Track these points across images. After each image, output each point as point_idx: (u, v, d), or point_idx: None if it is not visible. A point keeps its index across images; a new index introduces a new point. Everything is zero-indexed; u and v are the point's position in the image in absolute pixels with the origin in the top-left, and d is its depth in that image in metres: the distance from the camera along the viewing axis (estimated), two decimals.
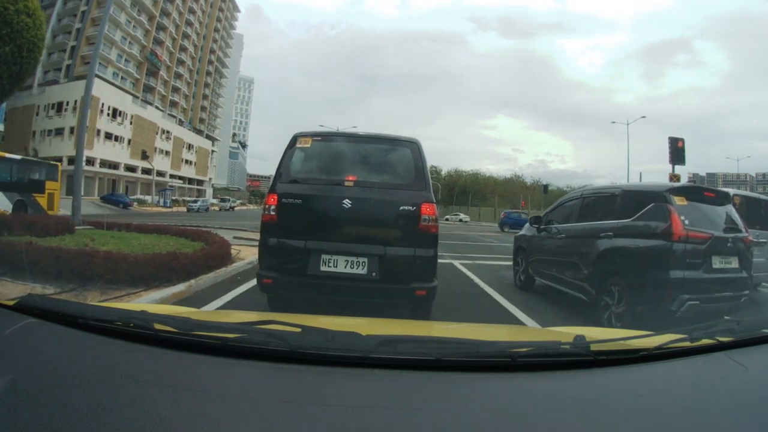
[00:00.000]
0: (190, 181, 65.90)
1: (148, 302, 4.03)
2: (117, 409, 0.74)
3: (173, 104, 61.91)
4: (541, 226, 6.17)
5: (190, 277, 5.22)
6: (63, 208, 18.08)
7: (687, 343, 1.12)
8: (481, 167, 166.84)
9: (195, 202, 43.15)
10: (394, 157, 3.84)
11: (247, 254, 7.62)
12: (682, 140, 21.42)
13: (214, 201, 54.42)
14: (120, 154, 48.74)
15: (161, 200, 45.06)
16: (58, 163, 19.17)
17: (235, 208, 52.11)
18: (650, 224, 4.13)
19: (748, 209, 6.35)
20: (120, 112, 47.85)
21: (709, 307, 3.86)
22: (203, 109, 71.45)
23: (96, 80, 20.52)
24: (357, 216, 3.47)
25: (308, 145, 3.77)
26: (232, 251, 7.26)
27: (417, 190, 3.55)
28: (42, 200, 16.61)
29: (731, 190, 6.18)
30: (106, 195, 39.28)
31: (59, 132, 43.23)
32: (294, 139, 3.76)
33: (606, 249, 4.48)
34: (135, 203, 39.78)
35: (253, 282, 5.24)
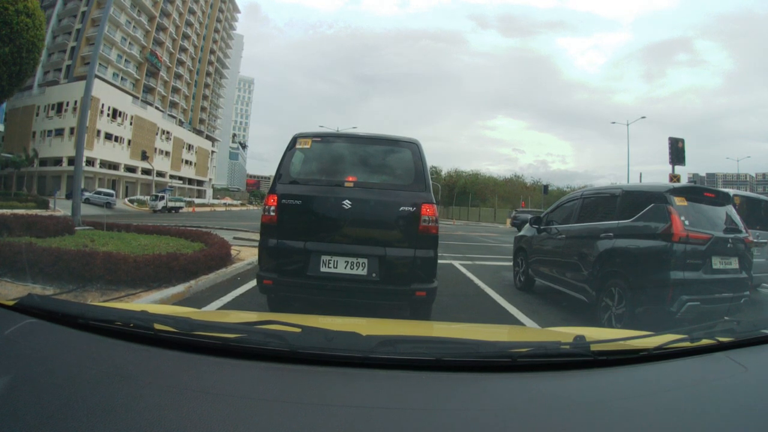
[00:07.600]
0: (190, 181, 65.90)
1: (148, 303, 4.02)
2: (117, 409, 0.74)
3: (173, 105, 61.90)
4: (541, 227, 6.16)
5: (189, 278, 5.21)
6: (63, 208, 17.93)
7: (687, 344, 1.12)
8: (481, 168, 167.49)
9: (97, 193, 31.79)
10: (394, 157, 3.83)
11: (247, 255, 7.60)
12: (682, 140, 21.47)
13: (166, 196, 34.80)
14: (120, 154, 48.77)
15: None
16: None
17: (183, 210, 34.75)
18: (650, 225, 4.13)
19: (748, 209, 6.34)
20: (120, 112, 47.88)
21: (709, 308, 3.86)
22: (203, 109, 71.44)
23: (96, 81, 20.53)
24: (357, 217, 3.46)
25: (308, 146, 3.76)
26: (232, 252, 7.26)
27: (417, 190, 3.54)
28: None
29: (731, 191, 6.19)
30: (68, 193, 39.86)
31: (59, 132, 43.29)
32: (294, 140, 3.75)
33: (606, 250, 4.48)
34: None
35: (253, 283, 5.23)
